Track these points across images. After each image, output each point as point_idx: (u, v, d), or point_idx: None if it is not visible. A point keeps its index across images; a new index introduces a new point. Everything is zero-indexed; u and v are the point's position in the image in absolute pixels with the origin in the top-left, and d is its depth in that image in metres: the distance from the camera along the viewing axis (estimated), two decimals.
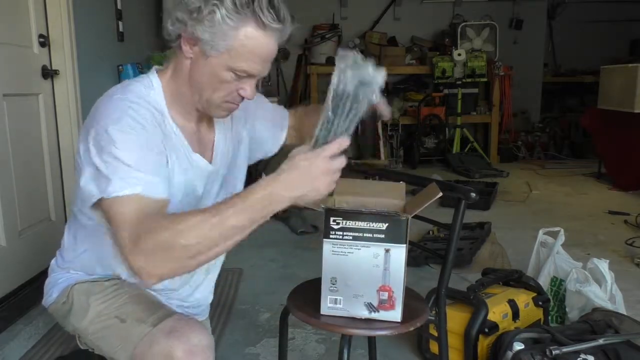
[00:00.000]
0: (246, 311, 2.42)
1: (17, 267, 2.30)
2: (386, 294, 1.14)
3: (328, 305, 1.16)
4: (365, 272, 1.13)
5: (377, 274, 1.13)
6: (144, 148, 1.04)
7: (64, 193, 2.68)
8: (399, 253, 1.12)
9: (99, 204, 1.03)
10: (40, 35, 2.51)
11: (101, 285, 1.21)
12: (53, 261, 1.33)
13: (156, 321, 1.10)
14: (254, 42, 1.04)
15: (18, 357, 1.97)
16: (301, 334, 2.17)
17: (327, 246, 1.14)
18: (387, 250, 1.12)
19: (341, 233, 1.13)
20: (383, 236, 1.11)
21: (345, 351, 1.17)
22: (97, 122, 1.05)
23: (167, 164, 1.10)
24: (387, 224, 1.11)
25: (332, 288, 1.15)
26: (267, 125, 1.42)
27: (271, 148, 1.47)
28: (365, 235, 1.12)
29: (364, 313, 1.15)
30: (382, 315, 1.15)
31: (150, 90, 1.13)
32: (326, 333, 2.12)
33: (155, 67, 1.20)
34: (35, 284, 2.37)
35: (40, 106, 2.53)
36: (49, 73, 2.57)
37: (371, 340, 1.55)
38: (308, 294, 1.26)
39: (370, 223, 1.11)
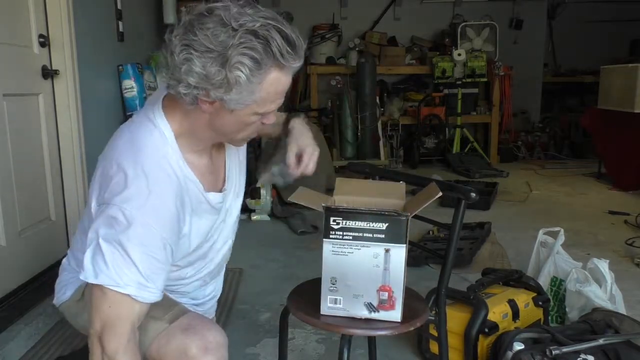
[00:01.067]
0: (246, 311, 2.42)
1: (17, 267, 2.30)
2: (386, 294, 1.14)
3: (328, 305, 1.16)
4: (365, 272, 1.13)
5: (377, 274, 1.13)
6: (157, 248, 1.02)
7: (64, 193, 2.68)
8: (399, 253, 1.12)
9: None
10: (40, 35, 2.51)
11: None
12: (65, 260, 1.32)
13: (172, 318, 1.13)
14: (277, 83, 1.02)
15: (18, 357, 1.97)
16: (301, 334, 2.17)
17: (327, 246, 1.14)
18: (387, 250, 1.12)
19: (341, 233, 1.13)
20: (383, 236, 1.11)
21: (345, 351, 1.17)
22: (112, 197, 1.02)
23: (172, 253, 1.08)
24: (387, 224, 1.11)
25: (332, 288, 1.15)
26: None
27: None
28: (365, 235, 1.12)
29: (364, 313, 1.15)
30: (382, 315, 1.15)
31: (166, 147, 1.09)
32: (326, 333, 2.12)
33: (160, 110, 1.12)
34: (35, 284, 2.37)
35: (40, 106, 2.53)
36: (49, 73, 2.57)
37: (371, 340, 1.55)
38: (308, 294, 1.26)
39: (370, 223, 1.11)
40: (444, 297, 1.43)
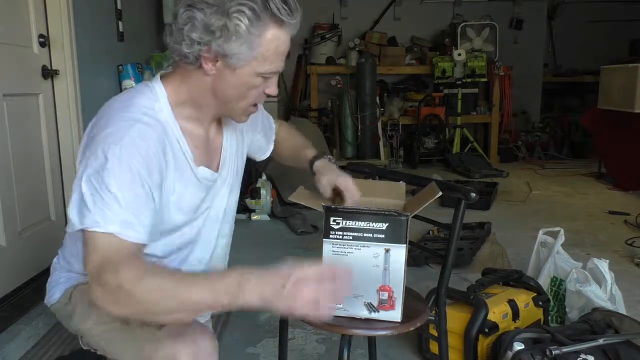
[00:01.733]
0: (246, 311, 2.41)
1: (17, 267, 2.30)
2: (386, 294, 1.14)
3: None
4: (365, 272, 1.13)
5: (377, 274, 1.13)
6: (136, 183, 1.01)
7: (64, 193, 2.68)
8: (399, 253, 1.12)
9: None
10: (40, 35, 2.51)
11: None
12: (55, 259, 1.32)
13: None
14: (277, 42, 1.05)
15: (18, 357, 1.97)
16: (301, 334, 2.17)
17: (327, 246, 1.14)
18: (387, 250, 1.12)
19: (341, 233, 1.13)
20: (383, 236, 1.11)
21: (345, 351, 1.17)
22: (94, 140, 1.03)
23: (154, 201, 1.06)
24: (387, 224, 1.11)
25: None
26: (262, 134, 1.44)
27: (259, 156, 1.50)
28: (365, 235, 1.12)
29: (364, 313, 1.15)
30: (382, 315, 1.15)
31: (155, 103, 1.10)
32: (326, 333, 2.12)
33: (161, 72, 1.17)
34: (35, 284, 2.37)
35: (40, 106, 2.53)
36: (49, 73, 2.57)
37: (371, 340, 1.55)
38: None
39: (370, 223, 1.11)
40: (444, 297, 1.42)
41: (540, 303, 2.00)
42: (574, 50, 7.22)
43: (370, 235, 1.12)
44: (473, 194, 1.30)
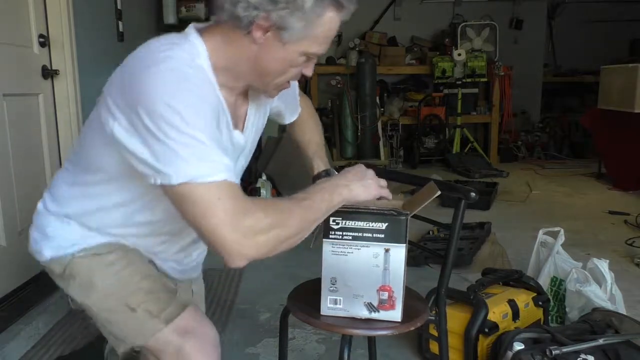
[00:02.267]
0: (246, 311, 2.42)
1: (17, 267, 2.30)
2: (386, 293, 1.14)
3: (328, 306, 1.16)
4: (365, 272, 1.13)
5: (377, 274, 1.13)
6: (212, 125, 0.97)
7: None
8: (399, 252, 1.12)
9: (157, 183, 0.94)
10: (40, 35, 2.51)
11: (105, 261, 1.13)
12: (40, 204, 1.19)
13: (168, 317, 1.10)
14: (331, 25, 1.02)
15: (18, 357, 1.97)
16: (301, 334, 2.17)
17: (327, 246, 1.14)
18: (386, 250, 1.12)
19: (341, 233, 1.13)
20: (383, 236, 1.11)
21: (346, 351, 1.17)
22: (146, 96, 0.92)
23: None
24: (386, 224, 1.11)
25: (332, 288, 1.15)
26: (287, 110, 1.42)
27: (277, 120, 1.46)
28: (365, 235, 1.12)
29: (364, 313, 1.15)
30: (382, 315, 1.15)
31: (195, 58, 1.00)
32: (326, 333, 2.12)
33: (194, 24, 1.07)
34: (35, 284, 2.37)
35: (40, 106, 2.53)
36: (49, 73, 2.57)
37: (371, 340, 1.55)
38: (308, 294, 1.25)
39: (370, 223, 1.11)
40: (444, 297, 1.42)
41: (540, 303, 2.00)
42: (574, 50, 7.22)
43: (370, 235, 1.12)
44: (473, 194, 1.30)
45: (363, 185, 1.11)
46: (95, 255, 1.13)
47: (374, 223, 1.11)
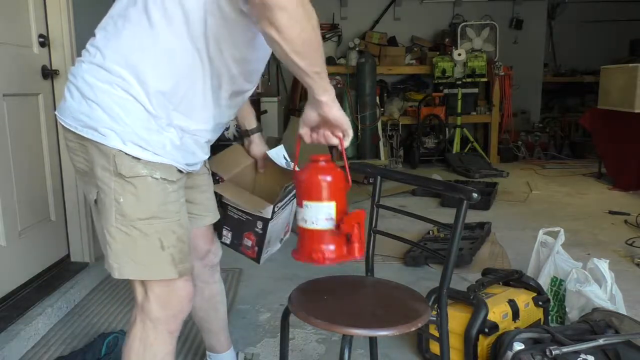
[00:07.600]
0: (246, 311, 2.42)
1: (17, 267, 2.30)
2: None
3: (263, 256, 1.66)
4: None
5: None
6: None
7: (63, 193, 2.68)
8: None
9: None
10: (40, 35, 2.51)
11: (160, 185, 1.17)
12: (86, 55, 1.25)
13: (183, 271, 1.24)
14: None
15: (18, 357, 1.97)
16: (301, 334, 2.17)
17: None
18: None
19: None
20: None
21: (346, 351, 1.17)
22: None
23: None
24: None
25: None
26: None
27: None
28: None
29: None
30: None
31: None
32: (326, 333, 2.12)
33: None
34: (35, 284, 2.37)
35: (40, 106, 2.52)
36: (49, 73, 2.57)
37: (372, 341, 1.55)
38: (308, 293, 1.26)
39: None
40: (445, 298, 1.42)
41: (540, 303, 2.00)
42: (574, 50, 7.23)
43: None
44: (475, 195, 1.30)
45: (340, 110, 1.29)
46: (164, 181, 1.18)
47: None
